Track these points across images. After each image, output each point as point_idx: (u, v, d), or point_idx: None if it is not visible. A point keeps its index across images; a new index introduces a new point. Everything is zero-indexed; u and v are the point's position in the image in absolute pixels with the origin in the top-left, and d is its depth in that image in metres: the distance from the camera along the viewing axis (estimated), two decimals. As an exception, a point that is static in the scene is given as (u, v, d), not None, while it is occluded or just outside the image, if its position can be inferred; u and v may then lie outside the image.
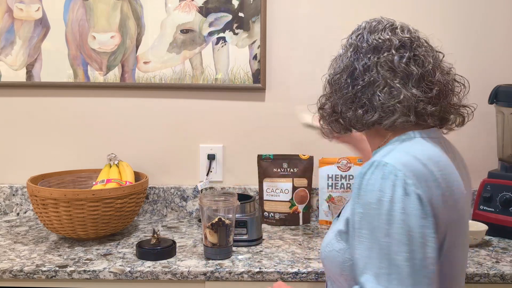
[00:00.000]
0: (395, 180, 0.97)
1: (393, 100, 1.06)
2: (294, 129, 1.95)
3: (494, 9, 1.91)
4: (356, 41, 1.13)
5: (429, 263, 0.95)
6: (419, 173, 0.99)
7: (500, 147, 1.82)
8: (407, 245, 0.94)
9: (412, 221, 0.95)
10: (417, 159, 1.01)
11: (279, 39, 1.92)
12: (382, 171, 0.98)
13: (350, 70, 1.11)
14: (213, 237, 1.49)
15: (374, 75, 1.08)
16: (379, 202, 0.97)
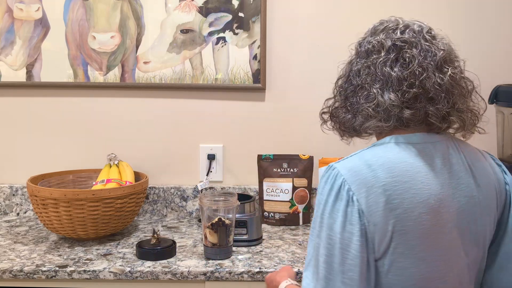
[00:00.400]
0: (332, 185, 1.00)
1: (369, 105, 1.05)
2: (294, 129, 1.95)
3: (494, 9, 1.91)
4: (357, 45, 1.13)
5: (347, 269, 0.96)
6: (362, 179, 0.98)
7: (500, 147, 1.82)
8: (328, 248, 0.98)
9: (336, 226, 0.98)
10: (367, 165, 1.00)
11: (279, 39, 1.92)
12: (327, 174, 1.03)
13: (346, 75, 1.13)
14: (213, 237, 1.49)
15: (360, 79, 1.08)
16: (318, 204, 1.02)
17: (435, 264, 1.02)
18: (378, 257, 0.99)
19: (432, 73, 1.04)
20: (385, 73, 1.04)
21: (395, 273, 1.00)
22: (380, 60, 1.05)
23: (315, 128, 1.95)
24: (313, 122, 1.94)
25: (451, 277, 1.04)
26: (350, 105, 1.10)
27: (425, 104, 1.04)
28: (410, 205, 0.98)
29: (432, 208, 1.00)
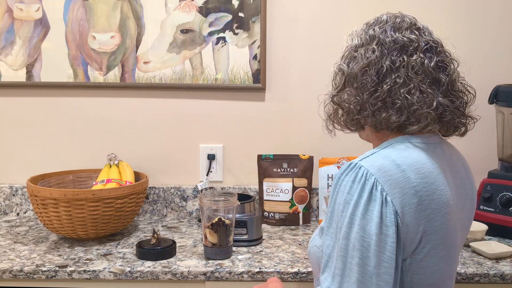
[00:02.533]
0: (364, 184, 0.96)
1: (426, 107, 1.02)
2: (294, 129, 1.95)
3: (494, 9, 1.91)
4: (380, 35, 1.07)
5: (382, 272, 0.94)
6: (394, 179, 0.97)
7: (500, 147, 1.82)
8: (361, 251, 0.94)
9: (370, 228, 0.94)
10: (395, 164, 0.99)
11: (279, 39, 1.92)
12: (355, 173, 0.98)
13: (377, 67, 1.05)
14: (213, 237, 1.49)
15: (404, 76, 1.03)
16: (345, 204, 0.97)
17: (449, 263, 1.05)
18: (404, 257, 1.00)
19: (459, 80, 1.09)
20: (436, 76, 1.05)
21: (417, 272, 1.01)
22: (427, 61, 1.04)
23: (315, 128, 1.95)
24: (313, 122, 1.94)
25: (455, 274, 1.09)
26: (391, 102, 1.04)
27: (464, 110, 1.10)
28: (437, 206, 1.00)
29: (451, 208, 1.03)
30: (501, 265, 1.48)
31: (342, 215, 0.97)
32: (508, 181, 1.72)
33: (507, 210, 1.70)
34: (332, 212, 1.01)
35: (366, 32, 1.10)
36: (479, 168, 1.88)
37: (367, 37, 1.09)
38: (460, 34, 1.92)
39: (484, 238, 1.67)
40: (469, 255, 1.55)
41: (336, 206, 1.00)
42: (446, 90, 1.06)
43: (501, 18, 1.92)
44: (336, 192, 1.00)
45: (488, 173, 1.80)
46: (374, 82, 1.05)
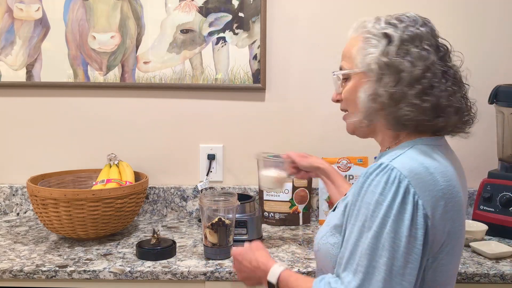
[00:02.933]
0: (398, 187, 0.98)
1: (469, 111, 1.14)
2: (294, 129, 1.95)
3: (494, 9, 1.91)
4: (428, 36, 1.11)
5: (407, 272, 0.96)
6: (424, 182, 1.00)
7: (500, 147, 1.82)
8: (389, 251, 0.96)
9: (401, 230, 0.96)
10: (424, 167, 1.01)
11: (279, 39, 1.92)
12: (387, 175, 0.99)
13: (433, 71, 1.07)
14: (213, 237, 1.49)
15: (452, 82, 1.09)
16: (377, 205, 0.98)
17: (459, 260, 1.13)
18: (428, 257, 1.02)
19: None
20: (460, 83, 1.14)
21: (436, 269, 1.04)
22: (455, 68, 1.13)
23: (315, 128, 1.95)
24: (313, 122, 1.94)
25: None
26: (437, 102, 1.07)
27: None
28: (458, 208, 1.04)
29: (464, 209, 1.09)
30: (501, 265, 1.48)
31: (373, 215, 0.98)
32: (508, 181, 1.72)
33: (507, 210, 1.70)
34: (359, 210, 1.01)
35: (408, 28, 1.10)
36: (479, 168, 1.89)
37: (413, 34, 1.09)
38: (460, 34, 1.91)
39: (484, 238, 1.67)
40: (469, 255, 1.55)
41: (363, 205, 1.00)
42: (463, 93, 1.15)
43: (501, 18, 1.92)
44: (364, 191, 1.01)
45: (488, 173, 1.80)
46: (435, 85, 1.06)
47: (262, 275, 1.20)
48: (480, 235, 1.63)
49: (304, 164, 1.54)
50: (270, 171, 1.56)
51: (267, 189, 1.67)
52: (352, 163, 1.87)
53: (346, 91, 1.16)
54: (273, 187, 1.58)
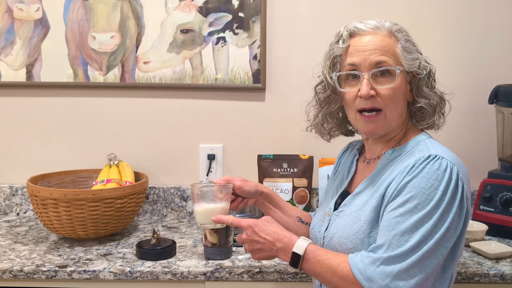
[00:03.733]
0: (451, 174, 1.09)
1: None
2: (294, 129, 1.95)
3: (494, 9, 1.91)
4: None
5: (449, 245, 1.09)
6: (462, 168, 1.13)
7: (500, 147, 1.82)
8: (441, 230, 1.06)
9: (453, 211, 1.07)
10: (458, 159, 1.15)
11: (279, 39, 1.92)
12: (438, 163, 1.10)
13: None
14: (213, 237, 1.49)
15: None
16: (433, 190, 1.08)
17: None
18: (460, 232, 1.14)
19: None
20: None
21: (460, 244, 1.16)
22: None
23: (315, 128, 1.94)
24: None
25: None
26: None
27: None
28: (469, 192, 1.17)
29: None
30: (501, 265, 1.48)
31: (427, 198, 1.07)
32: (508, 181, 1.72)
33: (507, 210, 1.70)
34: (408, 194, 1.08)
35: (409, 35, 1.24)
36: (479, 168, 1.88)
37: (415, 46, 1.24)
38: (460, 34, 1.91)
39: (484, 238, 1.67)
40: (469, 255, 1.55)
41: (415, 189, 1.08)
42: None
43: (501, 18, 1.92)
44: (415, 177, 1.09)
45: (488, 173, 1.80)
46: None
47: (283, 247, 1.19)
48: (480, 235, 1.63)
49: (249, 189, 1.38)
50: (211, 203, 1.31)
51: (211, 226, 1.34)
52: (352, 163, 1.87)
53: (394, 88, 1.18)
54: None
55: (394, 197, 1.11)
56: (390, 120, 1.20)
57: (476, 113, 1.93)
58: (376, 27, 1.21)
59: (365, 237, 1.14)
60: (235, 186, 1.37)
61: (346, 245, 1.17)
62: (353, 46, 1.21)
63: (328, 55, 1.26)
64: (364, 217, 1.16)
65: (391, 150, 1.23)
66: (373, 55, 1.17)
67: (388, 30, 1.20)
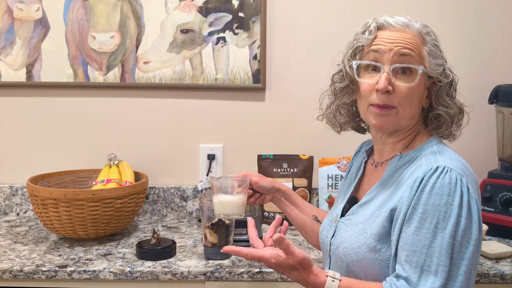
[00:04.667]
0: (462, 187, 1.05)
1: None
2: (294, 129, 1.95)
3: (494, 9, 1.91)
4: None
5: (477, 261, 1.08)
6: (471, 179, 1.10)
7: (500, 147, 1.82)
8: (467, 247, 1.04)
9: (473, 225, 1.05)
10: (464, 165, 1.12)
11: (279, 39, 1.92)
12: (449, 176, 1.06)
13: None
14: (213, 237, 1.49)
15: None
16: (448, 206, 1.04)
17: None
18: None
19: None
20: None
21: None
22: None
23: (315, 128, 1.94)
24: (313, 122, 1.94)
25: None
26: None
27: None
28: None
29: None
30: (501, 265, 1.48)
31: (445, 216, 1.04)
32: (508, 181, 1.72)
33: (507, 210, 1.70)
34: (425, 213, 1.05)
35: (433, 41, 1.20)
36: (479, 168, 1.88)
37: (437, 44, 1.21)
38: (461, 34, 1.91)
39: (484, 238, 1.67)
40: (469, 255, 1.55)
41: (430, 207, 1.05)
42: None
43: (502, 18, 1.92)
44: (428, 194, 1.06)
45: (488, 173, 1.80)
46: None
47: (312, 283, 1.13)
48: (480, 235, 1.63)
49: (266, 184, 1.40)
50: (229, 194, 1.35)
51: (231, 215, 1.39)
52: (352, 163, 1.87)
53: (412, 88, 1.15)
54: (238, 213, 1.36)
55: (409, 216, 1.07)
56: (401, 118, 1.16)
57: (476, 113, 1.93)
58: (406, 25, 1.18)
59: (370, 250, 1.12)
60: (252, 181, 1.39)
61: (351, 256, 1.15)
62: (379, 37, 1.17)
63: (352, 44, 1.20)
64: (370, 230, 1.13)
65: (398, 157, 1.19)
66: (399, 47, 1.14)
67: (418, 31, 1.17)
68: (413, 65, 1.14)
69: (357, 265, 1.14)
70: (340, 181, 1.88)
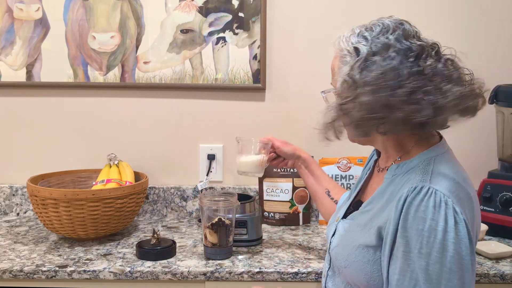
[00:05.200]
0: (446, 209, 0.99)
1: (447, 101, 1.06)
2: (294, 129, 1.95)
3: (494, 9, 1.91)
4: (396, 43, 1.08)
5: (472, 284, 1.00)
6: (461, 198, 1.02)
7: (500, 147, 1.82)
8: (458, 273, 0.97)
9: (463, 249, 0.98)
10: (456, 183, 1.04)
11: (279, 39, 1.92)
12: (433, 199, 1.00)
13: (396, 74, 1.05)
14: (213, 237, 1.49)
15: (427, 80, 1.06)
16: (432, 230, 0.98)
17: None
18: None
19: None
20: (448, 74, 1.09)
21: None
22: (441, 65, 1.09)
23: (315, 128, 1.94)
24: (313, 122, 1.94)
25: None
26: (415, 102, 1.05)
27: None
28: (478, 211, 1.10)
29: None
30: (501, 265, 1.48)
31: (429, 241, 0.98)
32: (508, 181, 1.72)
33: (507, 210, 1.70)
34: (409, 238, 1.00)
35: (377, 39, 1.09)
36: (479, 168, 1.88)
37: (380, 45, 1.08)
38: (460, 34, 1.91)
39: (484, 238, 1.67)
40: (469, 255, 1.55)
41: (414, 231, 1.00)
42: (458, 79, 1.10)
43: (502, 18, 1.92)
44: (412, 217, 1.00)
45: (488, 173, 1.80)
46: (394, 87, 1.05)
47: None
48: (480, 235, 1.63)
49: (287, 150, 1.51)
50: (251, 155, 1.49)
51: (249, 173, 1.52)
52: (352, 163, 1.88)
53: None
54: (256, 171, 1.50)
55: (391, 238, 1.03)
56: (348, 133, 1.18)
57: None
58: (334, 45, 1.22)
59: (358, 260, 1.11)
60: (274, 145, 1.51)
61: (340, 262, 1.16)
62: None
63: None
64: (359, 241, 1.12)
65: (395, 165, 1.15)
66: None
67: (337, 47, 1.21)
68: (325, 90, 1.21)
69: (346, 272, 1.15)
70: (340, 181, 1.88)
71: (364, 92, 1.05)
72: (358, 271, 1.11)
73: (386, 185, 1.15)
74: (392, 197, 1.08)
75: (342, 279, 1.19)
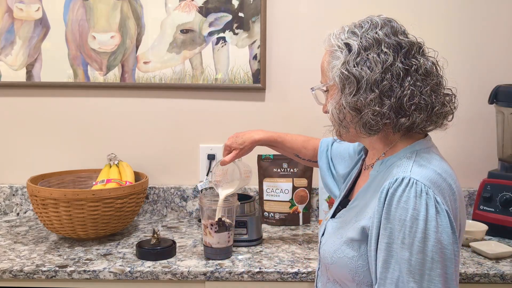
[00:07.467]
0: (427, 199, 1.00)
1: (440, 105, 1.09)
2: (294, 129, 1.95)
3: (494, 9, 1.91)
4: (385, 38, 1.09)
5: (456, 276, 1.01)
6: (443, 189, 1.03)
7: (500, 147, 1.82)
8: (441, 262, 0.98)
9: (445, 238, 0.99)
10: (438, 174, 1.04)
11: (279, 39, 1.92)
12: (414, 189, 1.01)
13: (392, 71, 1.06)
14: (213, 237, 1.49)
15: (421, 79, 1.07)
16: (414, 220, 0.99)
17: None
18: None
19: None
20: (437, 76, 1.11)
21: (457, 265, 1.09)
22: (429, 63, 1.10)
23: (315, 128, 1.94)
24: (313, 122, 1.94)
25: None
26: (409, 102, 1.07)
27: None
28: (463, 204, 1.11)
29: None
30: (501, 265, 1.48)
31: (411, 231, 0.99)
32: (508, 181, 1.72)
33: (507, 210, 1.70)
34: (392, 229, 1.01)
35: (367, 35, 1.10)
36: (479, 168, 1.89)
37: (371, 40, 1.09)
38: (461, 34, 1.91)
39: (484, 238, 1.67)
40: (469, 255, 1.55)
41: (396, 222, 1.00)
42: (441, 86, 1.12)
43: (501, 18, 1.92)
44: (395, 208, 1.01)
45: (488, 173, 1.80)
46: (394, 86, 1.06)
47: None
48: (480, 235, 1.63)
49: (239, 142, 1.56)
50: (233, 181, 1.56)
51: (246, 185, 1.62)
52: (352, 163, 1.87)
53: (324, 104, 1.20)
54: (247, 182, 1.59)
55: (376, 229, 1.04)
56: (336, 130, 1.20)
57: (476, 113, 1.93)
58: (324, 43, 1.19)
59: (343, 256, 1.11)
60: (228, 147, 1.58)
61: (326, 259, 1.16)
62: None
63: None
64: (345, 236, 1.13)
65: (380, 162, 1.16)
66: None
67: (327, 43, 1.18)
68: (314, 86, 1.22)
69: (332, 269, 1.15)
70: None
71: (367, 88, 1.06)
72: (343, 267, 1.11)
73: (370, 181, 1.16)
74: (376, 193, 1.09)
75: (329, 277, 1.20)
